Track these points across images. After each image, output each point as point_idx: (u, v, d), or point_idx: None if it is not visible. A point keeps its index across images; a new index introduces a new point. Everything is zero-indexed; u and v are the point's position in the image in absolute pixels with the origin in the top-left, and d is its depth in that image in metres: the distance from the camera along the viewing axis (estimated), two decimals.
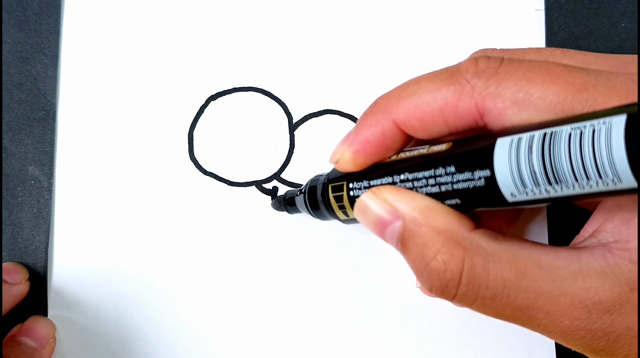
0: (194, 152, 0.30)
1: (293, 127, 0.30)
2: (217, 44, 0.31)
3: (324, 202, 0.24)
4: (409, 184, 0.20)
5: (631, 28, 0.29)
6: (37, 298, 0.29)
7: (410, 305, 0.28)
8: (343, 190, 0.23)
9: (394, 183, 0.21)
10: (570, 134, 0.16)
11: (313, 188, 0.25)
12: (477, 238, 0.19)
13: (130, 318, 0.29)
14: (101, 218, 0.30)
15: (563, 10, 0.29)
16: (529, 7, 0.30)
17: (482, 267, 0.18)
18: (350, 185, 0.23)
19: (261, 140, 0.30)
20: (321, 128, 0.30)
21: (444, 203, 0.19)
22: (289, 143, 0.30)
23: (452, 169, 0.19)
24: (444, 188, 0.19)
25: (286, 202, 0.28)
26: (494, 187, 0.17)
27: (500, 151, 0.17)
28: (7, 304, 0.28)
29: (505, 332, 0.28)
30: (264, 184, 0.30)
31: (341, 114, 0.30)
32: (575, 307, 0.18)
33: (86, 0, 0.31)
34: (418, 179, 0.20)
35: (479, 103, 0.19)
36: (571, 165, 0.16)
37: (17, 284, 0.29)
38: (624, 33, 0.29)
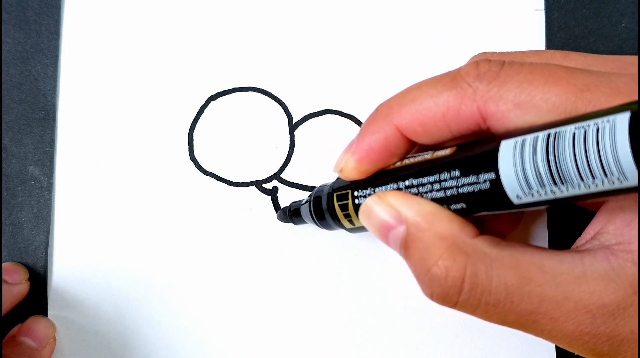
0: (194, 152, 0.30)
1: (293, 127, 0.30)
2: (217, 44, 0.31)
3: (329, 211, 0.24)
4: (413, 190, 0.20)
5: (631, 28, 0.29)
6: (37, 298, 0.29)
7: (410, 305, 0.28)
8: (348, 198, 0.23)
9: (398, 189, 0.21)
10: (574, 134, 0.16)
11: (318, 198, 0.25)
12: (480, 244, 0.19)
13: (130, 318, 0.29)
14: (101, 218, 0.30)
15: (563, 10, 0.29)
16: (529, 7, 0.30)
17: (485, 273, 0.18)
18: (355, 193, 0.22)
19: (261, 140, 0.30)
20: (321, 128, 0.30)
21: (450, 208, 0.19)
22: (289, 143, 0.30)
23: (457, 173, 0.19)
24: (449, 193, 0.19)
25: (291, 213, 0.28)
26: (499, 190, 0.17)
27: (505, 153, 0.17)
28: (7, 304, 0.28)
29: (505, 332, 0.28)
30: (264, 184, 0.30)
31: (341, 114, 0.30)
32: (579, 312, 0.18)
33: (86, 0, 0.31)
34: (423, 184, 0.20)
35: (481, 106, 0.19)
36: (576, 164, 0.16)
37: (17, 284, 0.29)
38: (624, 33, 0.29)
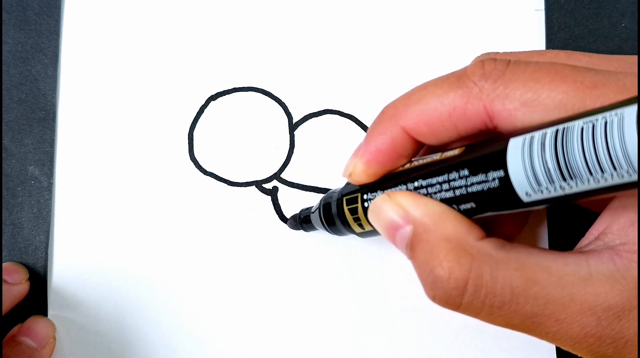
0: (194, 152, 0.30)
1: (293, 127, 0.30)
2: (217, 44, 0.31)
3: (339, 216, 0.24)
4: (423, 191, 0.20)
5: (631, 28, 0.29)
6: (37, 298, 0.29)
7: (410, 305, 0.28)
8: (357, 202, 0.23)
9: (407, 190, 0.21)
10: (582, 128, 0.16)
11: (327, 204, 0.25)
12: (486, 246, 0.19)
13: (130, 318, 0.29)
14: (101, 218, 0.30)
15: (563, 10, 0.29)
16: (529, 7, 0.30)
17: (490, 275, 0.18)
18: (365, 196, 0.22)
19: (261, 140, 0.30)
20: (321, 128, 0.30)
21: (459, 208, 0.19)
22: (289, 143, 0.30)
23: (466, 172, 0.19)
24: (458, 192, 0.19)
25: (302, 220, 0.28)
26: (508, 187, 0.17)
27: (513, 150, 0.17)
28: (7, 304, 0.28)
29: (505, 333, 0.28)
30: (264, 184, 0.30)
31: (341, 114, 0.30)
32: (584, 314, 0.17)
33: (86, 0, 0.31)
34: (432, 185, 0.20)
35: (488, 105, 0.19)
36: (585, 159, 0.15)
37: (17, 284, 0.29)
38: (624, 33, 0.29)
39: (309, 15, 0.31)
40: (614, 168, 0.15)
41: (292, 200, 0.29)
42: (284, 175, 0.30)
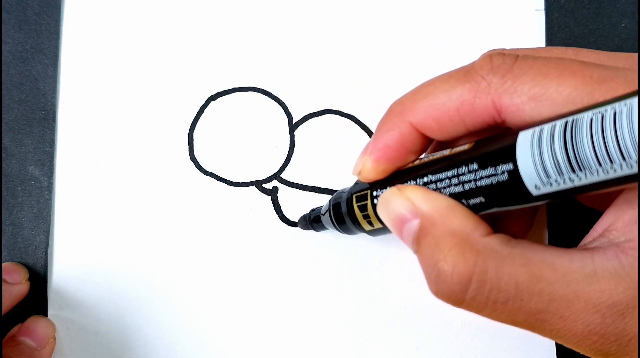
0: (194, 152, 0.30)
1: (293, 127, 0.30)
2: (217, 44, 0.31)
3: (349, 214, 0.24)
4: (432, 186, 0.20)
5: (631, 28, 0.29)
6: (37, 298, 0.29)
7: (410, 305, 0.28)
8: (367, 199, 0.23)
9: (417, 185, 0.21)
10: (591, 119, 0.16)
11: (337, 202, 0.25)
12: (492, 242, 0.19)
13: (130, 318, 0.29)
14: (101, 218, 0.30)
15: (563, 10, 0.29)
16: (529, 7, 0.30)
17: (495, 271, 0.18)
18: (374, 193, 0.22)
19: (261, 140, 0.30)
20: (321, 128, 0.30)
21: (468, 203, 0.19)
22: (289, 143, 0.30)
23: (475, 166, 0.18)
24: (467, 186, 0.19)
25: (312, 220, 0.28)
26: (517, 181, 0.17)
27: (522, 143, 0.17)
28: (7, 304, 0.28)
29: (505, 333, 0.28)
30: (264, 184, 0.30)
31: (341, 114, 0.30)
32: (589, 311, 0.17)
33: (86, 0, 0.31)
34: (441, 180, 0.20)
35: (496, 100, 0.19)
36: (594, 149, 0.15)
37: (17, 284, 0.29)
38: (624, 33, 0.29)
39: (309, 15, 0.31)
40: (623, 158, 0.15)
41: (292, 200, 0.29)
42: (284, 175, 0.30)
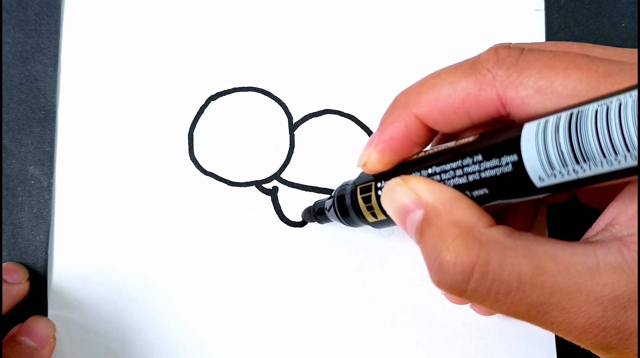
0: (194, 152, 0.30)
1: (293, 127, 0.30)
2: (217, 44, 0.31)
3: (353, 206, 0.24)
4: (436, 178, 0.20)
5: (631, 28, 0.29)
6: (37, 298, 0.29)
7: (410, 305, 0.28)
8: (371, 191, 0.23)
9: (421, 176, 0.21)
10: (596, 111, 0.16)
11: (342, 194, 0.25)
12: (495, 233, 0.19)
13: (130, 318, 0.29)
14: (101, 218, 0.30)
15: (563, 10, 0.29)
16: (529, 7, 0.30)
17: (498, 262, 0.18)
18: (379, 184, 0.22)
19: (261, 140, 0.30)
20: (321, 128, 0.30)
21: (472, 194, 0.19)
22: (289, 143, 0.30)
23: (480, 157, 0.19)
24: (471, 178, 0.19)
25: (316, 212, 0.28)
26: (522, 172, 0.17)
27: (527, 135, 0.17)
28: (7, 304, 0.28)
29: (505, 333, 0.28)
30: (264, 184, 0.30)
31: (341, 114, 0.30)
32: (591, 304, 0.17)
33: (86, 0, 0.31)
34: (445, 171, 0.20)
35: (501, 92, 0.19)
36: (598, 141, 0.15)
37: (17, 284, 0.29)
38: (624, 33, 0.29)
39: (309, 15, 0.31)
40: (627, 150, 0.15)
41: (292, 200, 0.29)
42: (284, 175, 0.30)
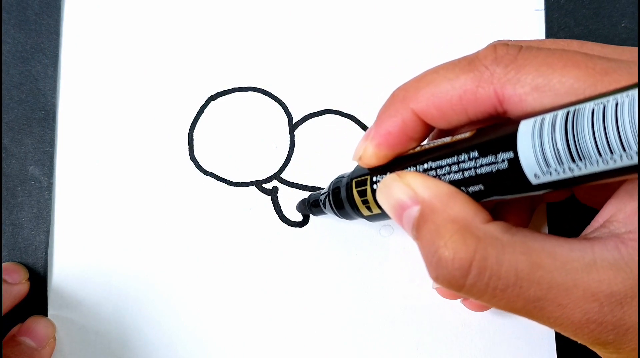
0: (194, 152, 0.30)
1: (293, 127, 0.30)
2: (217, 44, 0.31)
3: (348, 199, 0.24)
4: (432, 173, 0.20)
5: (631, 28, 0.29)
6: (37, 298, 0.29)
7: (410, 305, 0.28)
8: (367, 184, 0.23)
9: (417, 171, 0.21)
10: (593, 109, 0.16)
11: (337, 187, 0.25)
12: (492, 229, 0.19)
13: (130, 318, 0.29)
14: (101, 218, 0.30)
15: (563, 10, 0.29)
16: (529, 7, 0.30)
17: (496, 258, 0.18)
18: (374, 178, 0.22)
19: (261, 140, 0.30)
20: (321, 128, 0.30)
21: (468, 190, 0.19)
22: (289, 143, 0.30)
23: (475, 154, 0.19)
24: (467, 174, 0.19)
25: (311, 204, 0.28)
26: (517, 169, 0.17)
27: (524, 132, 0.17)
28: (7, 304, 0.28)
29: (505, 333, 0.28)
30: (264, 184, 0.30)
31: (341, 114, 0.30)
32: (587, 299, 0.17)
33: (86, 0, 0.31)
34: (441, 167, 0.20)
35: (499, 90, 0.19)
36: (594, 139, 0.15)
37: (17, 284, 0.29)
38: (624, 33, 0.29)
39: (308, 15, 0.31)
40: (623, 149, 0.15)
41: (292, 200, 0.29)
42: (284, 175, 0.30)
